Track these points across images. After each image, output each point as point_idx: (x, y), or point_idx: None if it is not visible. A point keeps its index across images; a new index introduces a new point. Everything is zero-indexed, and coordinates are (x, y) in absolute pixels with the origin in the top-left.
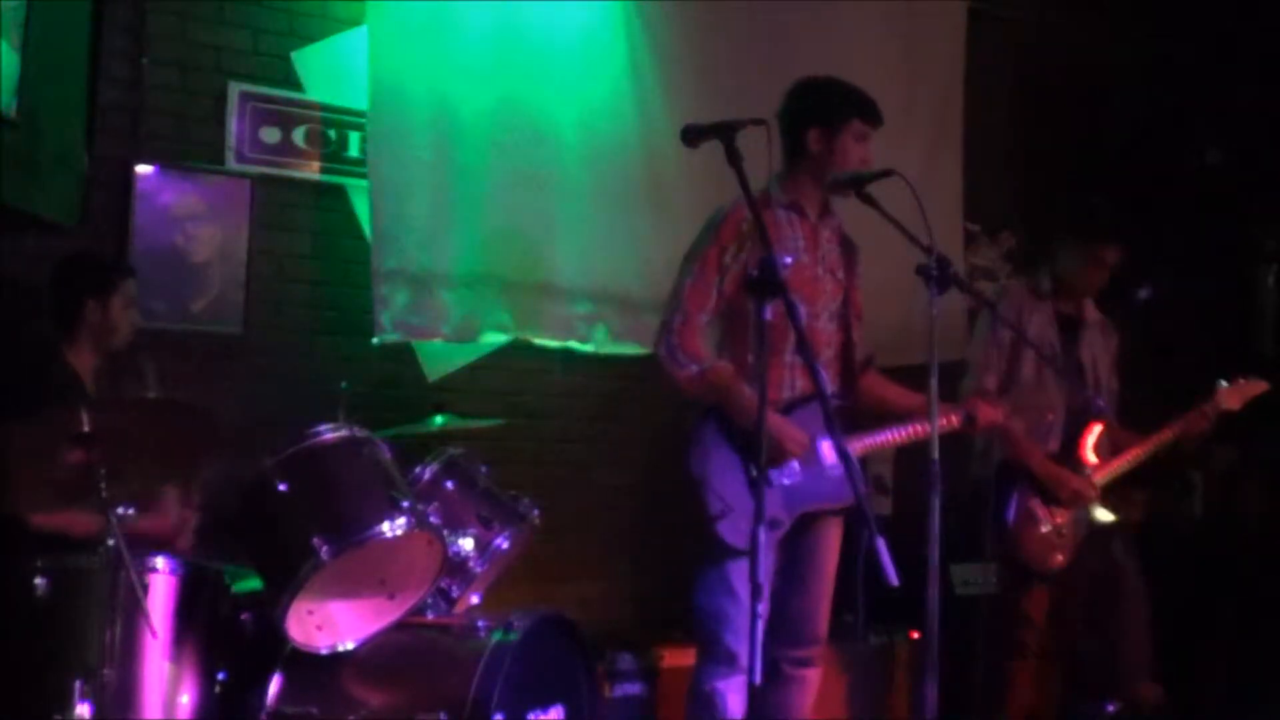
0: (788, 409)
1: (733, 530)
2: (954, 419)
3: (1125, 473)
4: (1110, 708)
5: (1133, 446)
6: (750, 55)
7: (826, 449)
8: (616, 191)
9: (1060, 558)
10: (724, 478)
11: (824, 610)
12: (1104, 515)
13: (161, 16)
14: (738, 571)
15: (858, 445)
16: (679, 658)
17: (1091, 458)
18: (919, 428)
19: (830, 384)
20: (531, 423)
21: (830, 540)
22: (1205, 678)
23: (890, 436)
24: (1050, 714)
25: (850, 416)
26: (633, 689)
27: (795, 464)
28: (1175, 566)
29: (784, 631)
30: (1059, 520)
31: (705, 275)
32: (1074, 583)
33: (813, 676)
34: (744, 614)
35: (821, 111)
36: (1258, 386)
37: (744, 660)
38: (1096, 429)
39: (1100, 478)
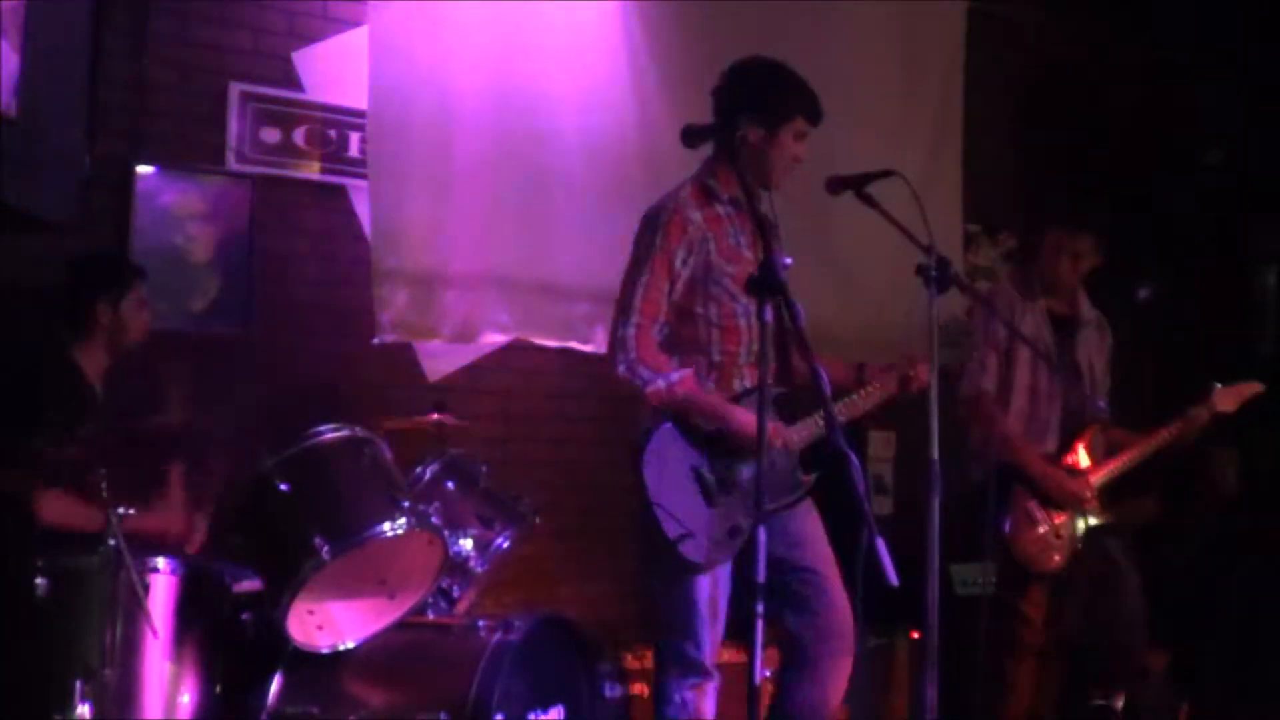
0: (736, 401)
1: (695, 549)
2: (891, 385)
3: (1121, 474)
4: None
5: (1128, 448)
6: (750, 55)
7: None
8: (616, 191)
9: (1057, 558)
10: (677, 499)
11: (841, 588)
12: (1096, 518)
13: (161, 16)
14: (697, 586)
15: (805, 432)
16: None
17: (1084, 460)
18: (861, 398)
19: (771, 374)
20: (531, 423)
21: (807, 522)
22: (1207, 676)
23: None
24: (1050, 714)
25: (790, 401)
26: (632, 689)
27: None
28: (1176, 566)
29: (817, 629)
30: (1056, 521)
31: (656, 283)
32: (1072, 582)
33: (850, 663)
34: (706, 626)
35: (764, 104)
36: (1252, 388)
37: (710, 665)
38: (1091, 431)
39: (1096, 479)
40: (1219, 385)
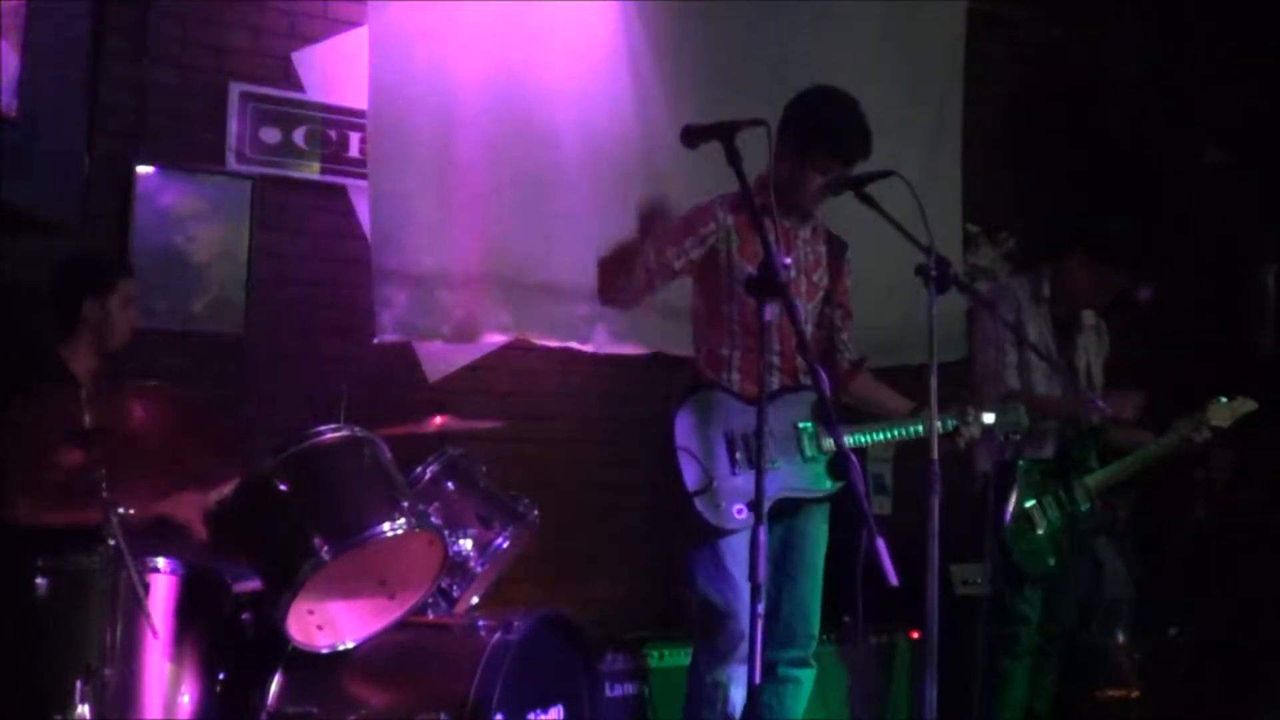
0: (771, 397)
1: (711, 509)
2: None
3: (1117, 479)
4: None
5: (1121, 457)
6: (750, 55)
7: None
8: (616, 191)
9: (1052, 560)
10: (707, 452)
11: (816, 606)
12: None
13: (161, 16)
14: (729, 551)
15: (848, 438)
16: (675, 657)
17: (1093, 463)
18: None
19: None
20: (531, 423)
21: (816, 532)
22: (1205, 676)
23: (882, 436)
24: (1049, 714)
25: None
26: (631, 689)
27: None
28: (1176, 566)
29: (778, 634)
30: (1053, 523)
31: (667, 240)
32: (1066, 583)
33: (809, 676)
34: (742, 597)
35: (800, 134)
36: (1246, 406)
37: (746, 648)
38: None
39: (1095, 482)
40: (1221, 400)
